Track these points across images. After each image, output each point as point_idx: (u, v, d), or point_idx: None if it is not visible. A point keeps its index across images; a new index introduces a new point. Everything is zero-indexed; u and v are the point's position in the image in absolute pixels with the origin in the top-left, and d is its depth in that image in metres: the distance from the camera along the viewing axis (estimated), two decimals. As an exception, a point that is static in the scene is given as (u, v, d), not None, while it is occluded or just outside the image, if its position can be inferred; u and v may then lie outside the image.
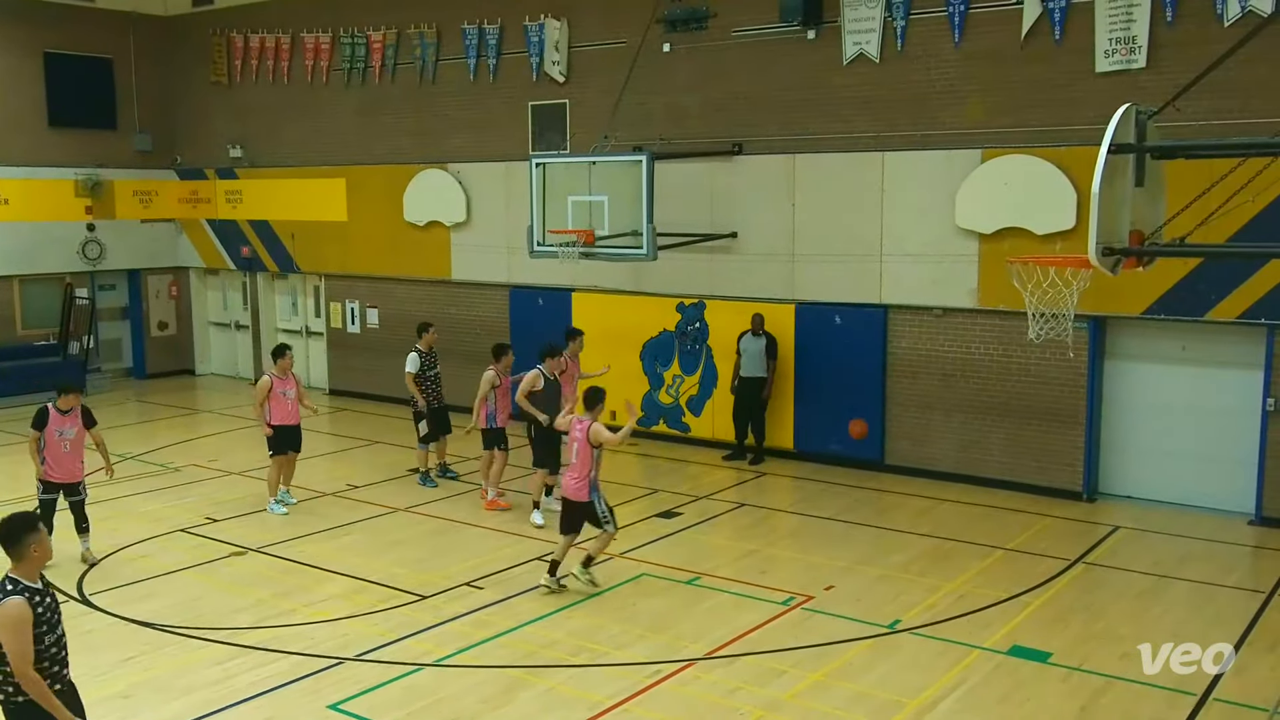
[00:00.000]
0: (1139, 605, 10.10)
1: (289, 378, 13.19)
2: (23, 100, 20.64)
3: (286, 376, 13.15)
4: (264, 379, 13.23)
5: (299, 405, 13.19)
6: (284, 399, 13.00)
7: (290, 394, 13.07)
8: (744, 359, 14.96)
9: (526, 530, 12.29)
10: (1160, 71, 12.16)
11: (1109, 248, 6.89)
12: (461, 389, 18.76)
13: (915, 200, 14.02)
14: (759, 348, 14.85)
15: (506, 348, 13.41)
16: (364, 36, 19.34)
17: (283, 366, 13.16)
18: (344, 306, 20.65)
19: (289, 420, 13.09)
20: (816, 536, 12.34)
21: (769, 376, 14.90)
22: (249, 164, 21.67)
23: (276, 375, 13.10)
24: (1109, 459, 13.53)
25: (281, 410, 13.00)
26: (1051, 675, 8.57)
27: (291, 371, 13.32)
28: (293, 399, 13.08)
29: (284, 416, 13.05)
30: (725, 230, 15.45)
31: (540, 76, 17.26)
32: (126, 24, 21.88)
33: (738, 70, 15.30)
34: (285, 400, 13.02)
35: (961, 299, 13.85)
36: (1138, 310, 12.70)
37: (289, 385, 13.12)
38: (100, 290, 22.26)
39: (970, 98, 13.65)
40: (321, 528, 12.44)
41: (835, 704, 8.08)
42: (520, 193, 16.17)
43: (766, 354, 14.86)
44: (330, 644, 9.11)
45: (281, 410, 13.00)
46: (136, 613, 9.87)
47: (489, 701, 8.13)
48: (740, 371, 15.02)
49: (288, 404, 13.04)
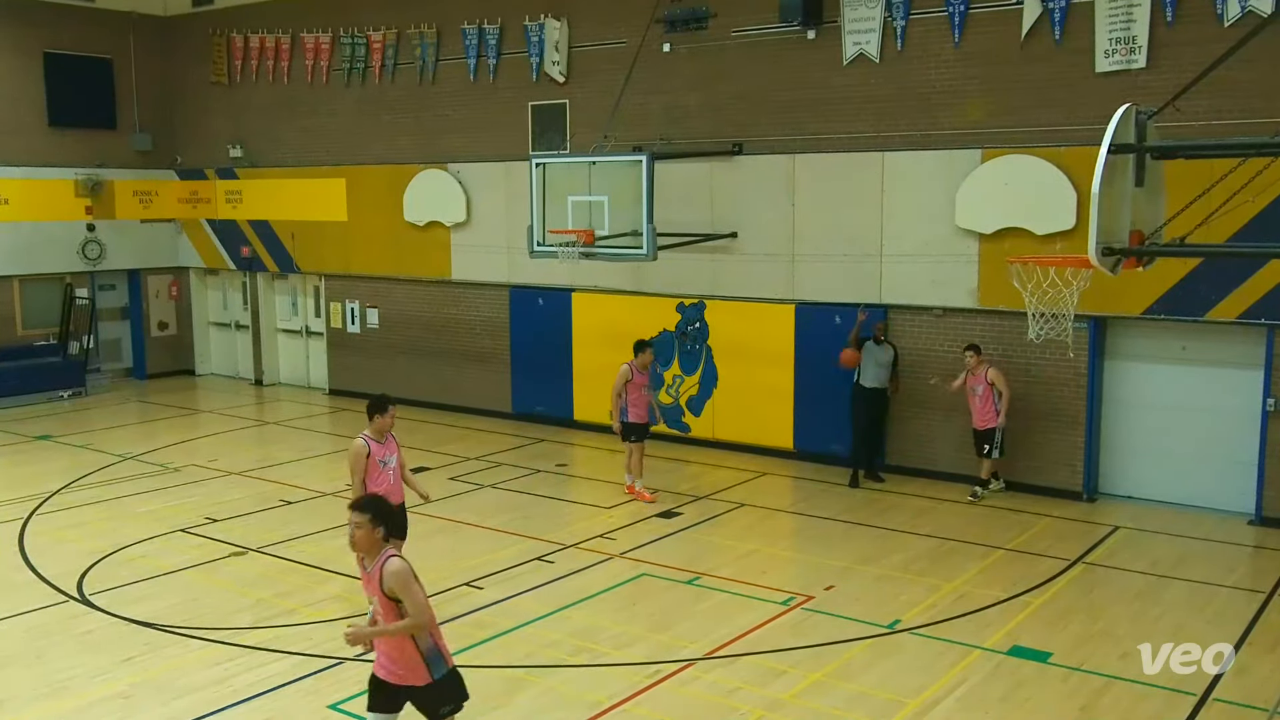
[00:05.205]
0: (1139, 605, 10.10)
1: (389, 441, 9.61)
2: (22, 100, 20.64)
3: (386, 440, 9.57)
4: (359, 444, 9.46)
5: (401, 479, 9.67)
6: (383, 471, 9.47)
7: (391, 463, 9.56)
8: (867, 368, 13.88)
9: (527, 530, 12.29)
10: (1160, 72, 12.17)
11: (1109, 248, 6.90)
12: (462, 390, 18.87)
13: (915, 200, 14.02)
14: (888, 357, 13.94)
15: (646, 344, 13.57)
16: (364, 36, 19.34)
17: (381, 426, 9.50)
18: (344, 306, 20.65)
19: (391, 499, 8.34)
20: (816, 536, 12.34)
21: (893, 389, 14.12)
22: (249, 164, 21.67)
23: (372, 438, 9.50)
24: (1109, 459, 13.53)
25: (380, 486, 9.22)
26: (1052, 675, 8.57)
27: (392, 433, 9.69)
28: (394, 469, 9.57)
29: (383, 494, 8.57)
30: (725, 230, 15.45)
31: (540, 76, 17.26)
32: (126, 24, 21.88)
33: (738, 70, 15.30)
34: (385, 472, 9.48)
35: (961, 299, 13.85)
36: (1138, 310, 12.70)
37: (390, 451, 9.59)
38: (100, 290, 22.26)
39: (970, 98, 13.65)
40: (321, 527, 12.43)
41: (835, 704, 8.07)
42: (520, 193, 16.17)
43: (893, 365, 14.00)
44: (330, 644, 9.10)
45: (380, 486, 9.22)
46: (136, 613, 9.86)
47: (489, 701, 8.12)
48: (861, 381, 13.96)
49: (388, 477, 9.48)
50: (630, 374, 13.35)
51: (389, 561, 6.25)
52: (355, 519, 6.33)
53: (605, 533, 12.22)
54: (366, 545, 6.32)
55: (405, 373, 19.56)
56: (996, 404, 13.03)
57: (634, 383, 13.37)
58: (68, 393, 20.63)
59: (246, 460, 15.73)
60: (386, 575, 6.22)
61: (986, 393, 13.04)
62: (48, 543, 11.99)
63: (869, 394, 13.98)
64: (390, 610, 6.27)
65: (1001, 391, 13.00)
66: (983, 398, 13.07)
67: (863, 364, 13.89)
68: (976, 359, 13.08)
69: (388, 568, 6.22)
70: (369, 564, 6.36)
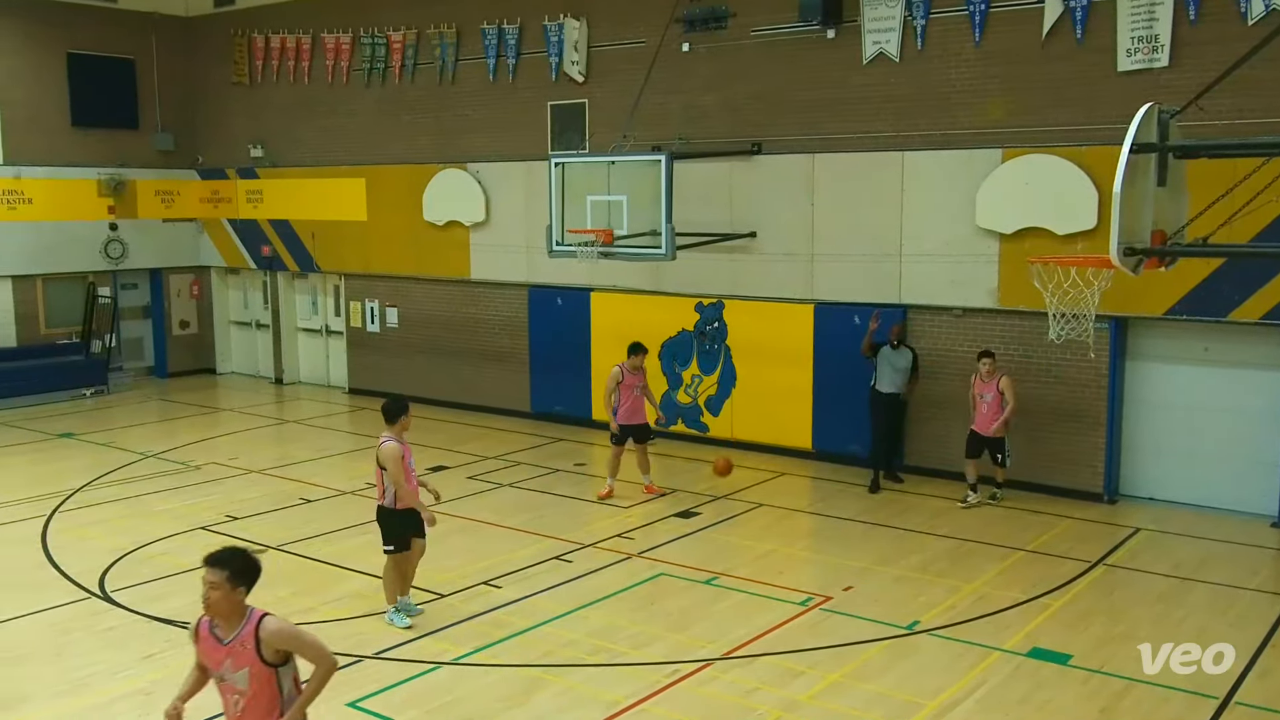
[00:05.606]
0: (1161, 608, 10.04)
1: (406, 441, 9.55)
2: (46, 100, 20.81)
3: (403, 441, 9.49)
4: (395, 446, 9.26)
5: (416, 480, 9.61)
6: (412, 471, 9.46)
7: (413, 464, 9.51)
8: (883, 373, 13.68)
9: (545, 529, 12.30)
10: (1183, 70, 12.07)
11: (1131, 248, 6.86)
12: (481, 389, 18.90)
13: (935, 200, 13.97)
14: (905, 362, 13.72)
15: (642, 349, 13.52)
16: (384, 37, 19.40)
17: (404, 427, 9.45)
18: (364, 305, 20.73)
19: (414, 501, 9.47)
20: (835, 537, 12.31)
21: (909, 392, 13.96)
22: (270, 164, 21.77)
23: (397, 438, 9.38)
24: (1130, 460, 13.45)
25: (412, 485, 9.44)
26: (1072, 677, 8.52)
27: None
28: (414, 471, 9.54)
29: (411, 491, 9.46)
30: (744, 230, 15.43)
31: (559, 76, 17.28)
32: (148, 24, 22.02)
33: (757, 70, 15.28)
34: (413, 473, 9.49)
35: (981, 299, 13.79)
36: (1160, 311, 12.61)
37: (410, 453, 9.48)
38: (122, 289, 22.42)
39: (991, 97, 13.59)
40: (341, 526, 12.47)
41: (853, 705, 8.05)
42: (539, 192, 16.20)
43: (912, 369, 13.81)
44: (348, 642, 9.13)
45: (412, 485, 9.44)
46: (157, 610, 9.92)
47: (506, 700, 8.14)
48: (878, 386, 13.76)
49: (413, 478, 9.49)
50: (621, 375, 13.32)
51: (265, 622, 5.23)
52: (210, 577, 5.17)
53: (623, 532, 12.22)
54: (225, 609, 5.21)
55: (424, 372, 19.62)
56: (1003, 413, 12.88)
57: (625, 384, 13.31)
58: (90, 391, 20.78)
59: (266, 459, 15.81)
60: (268, 636, 5.22)
61: (996, 401, 12.90)
62: (70, 540, 12.08)
63: (885, 399, 13.82)
64: (266, 681, 5.28)
65: (1009, 402, 12.84)
66: (991, 405, 12.93)
67: (878, 369, 13.75)
68: (991, 365, 12.96)
69: (267, 628, 5.23)
70: (225, 633, 5.26)
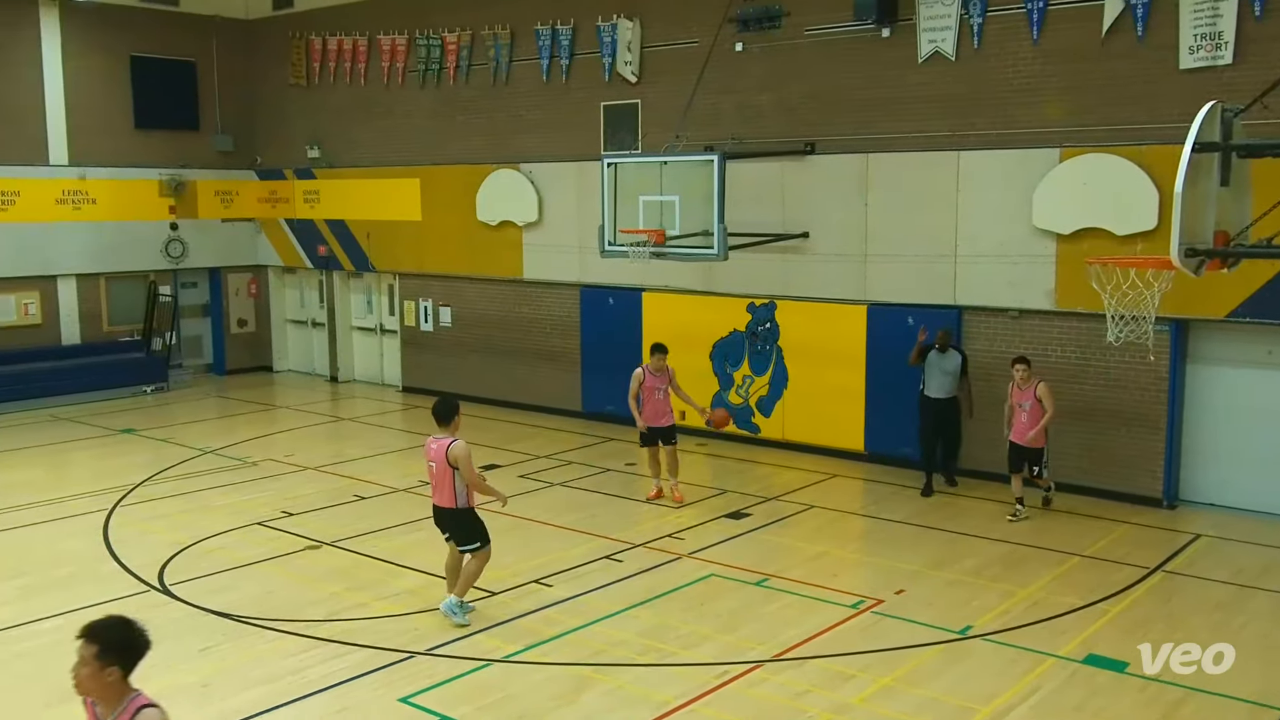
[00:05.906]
0: (1220, 615, 9.85)
1: None
2: (111, 103, 21.24)
3: None
4: (465, 445, 9.40)
5: None
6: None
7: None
8: (932, 378, 13.52)
9: (596, 529, 12.34)
10: (1248, 68, 11.83)
11: (1192, 249, 6.75)
12: (533, 388, 18.99)
13: (991, 200, 13.81)
14: (953, 365, 13.46)
15: (663, 349, 13.35)
16: (439, 38, 19.56)
17: (456, 426, 9.50)
18: (418, 305, 20.91)
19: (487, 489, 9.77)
20: (887, 540, 12.22)
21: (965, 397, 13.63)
22: (326, 164, 22.04)
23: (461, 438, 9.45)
24: (1190, 465, 13.21)
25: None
26: (1128, 685, 8.39)
27: None
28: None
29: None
30: (797, 230, 15.36)
31: (612, 77, 17.32)
32: (209, 27, 22.40)
33: (810, 69, 15.20)
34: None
35: (1039, 300, 13.62)
36: (1222, 313, 12.37)
37: None
38: (182, 288, 22.82)
39: (1048, 96, 13.41)
40: (395, 522, 12.60)
41: (905, 709, 7.99)
42: (592, 192, 16.24)
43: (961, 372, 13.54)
44: (402, 638, 9.23)
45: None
46: (214, 604, 10.09)
47: (557, 698, 8.18)
48: (926, 391, 13.63)
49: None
50: (644, 376, 13.21)
51: (143, 714, 4.41)
52: (80, 650, 4.38)
53: (674, 532, 12.22)
54: (94, 690, 4.41)
55: (477, 371, 19.76)
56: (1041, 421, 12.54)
57: (647, 386, 13.18)
58: (150, 387, 21.19)
59: (321, 455, 16.01)
60: None
61: (1035, 409, 12.49)
62: (132, 534, 12.32)
63: (935, 404, 13.62)
64: None
65: (1048, 410, 12.48)
66: (1030, 413, 12.52)
67: (927, 373, 13.58)
68: (1026, 372, 12.54)
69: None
70: (104, 713, 4.46)
